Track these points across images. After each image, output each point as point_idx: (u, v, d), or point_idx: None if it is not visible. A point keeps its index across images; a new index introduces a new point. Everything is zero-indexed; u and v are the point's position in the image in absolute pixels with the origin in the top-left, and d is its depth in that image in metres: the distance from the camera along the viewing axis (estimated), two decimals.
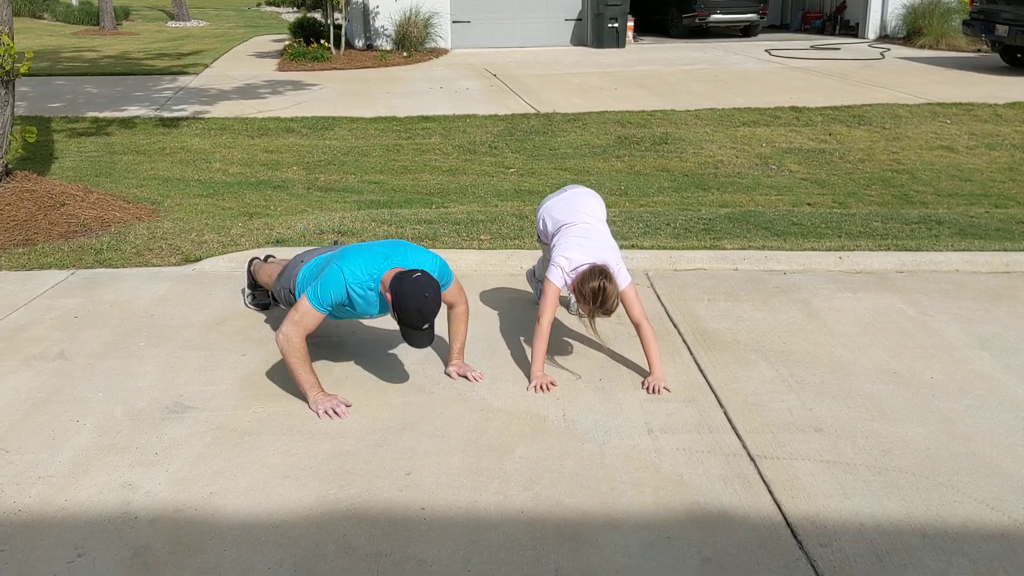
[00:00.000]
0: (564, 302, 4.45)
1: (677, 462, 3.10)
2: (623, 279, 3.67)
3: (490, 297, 4.67)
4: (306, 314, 3.42)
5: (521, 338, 4.13)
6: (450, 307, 3.73)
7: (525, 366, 3.81)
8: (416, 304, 3.27)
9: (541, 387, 3.61)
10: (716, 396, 3.59)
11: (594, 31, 17.31)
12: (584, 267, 3.62)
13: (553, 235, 3.89)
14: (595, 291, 3.54)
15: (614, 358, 3.95)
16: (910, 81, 12.34)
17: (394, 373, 3.79)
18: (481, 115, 10.13)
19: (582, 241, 3.76)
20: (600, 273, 3.56)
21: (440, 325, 3.77)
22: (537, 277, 4.50)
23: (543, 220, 4.04)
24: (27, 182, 6.05)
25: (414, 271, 3.35)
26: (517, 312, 4.49)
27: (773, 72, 13.51)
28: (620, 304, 3.65)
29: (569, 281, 3.66)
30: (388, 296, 3.34)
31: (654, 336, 3.70)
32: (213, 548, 2.63)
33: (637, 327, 3.70)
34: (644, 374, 3.71)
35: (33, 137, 6.18)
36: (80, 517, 2.77)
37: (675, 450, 3.18)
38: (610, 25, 16.94)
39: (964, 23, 14.21)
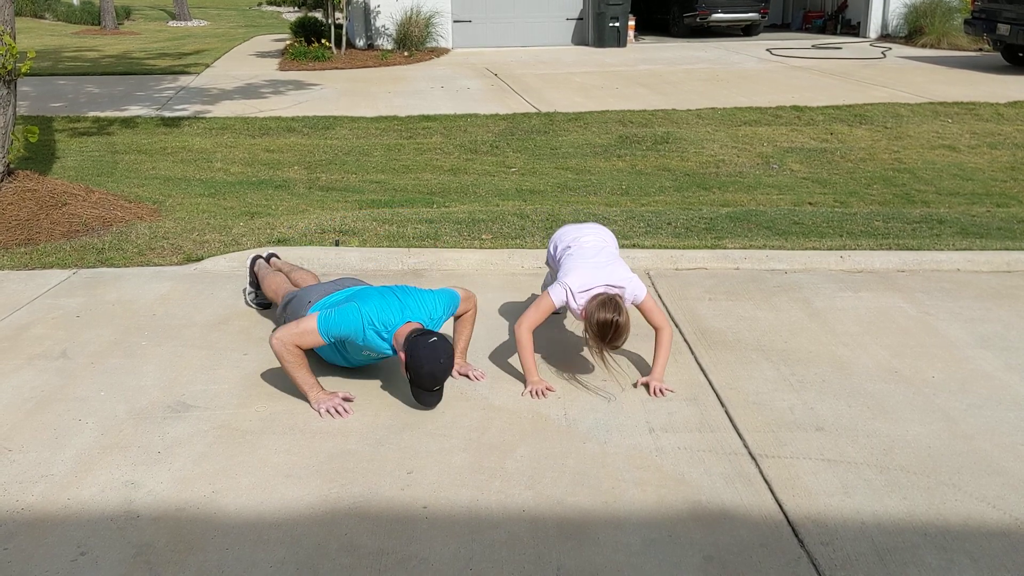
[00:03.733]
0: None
1: (679, 461, 3.10)
2: (639, 292, 3.60)
3: (491, 296, 4.67)
4: (308, 332, 3.42)
5: None
6: (459, 313, 3.76)
7: None
8: (430, 369, 3.29)
9: (539, 392, 3.57)
10: (717, 395, 3.59)
11: (595, 30, 17.32)
12: (596, 292, 3.50)
13: (562, 254, 3.82)
14: (606, 326, 3.41)
15: (616, 357, 3.94)
16: (912, 80, 12.33)
17: (395, 372, 3.79)
18: (482, 114, 10.13)
19: (590, 258, 3.69)
20: (613, 307, 3.42)
21: (445, 325, 3.79)
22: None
23: (554, 244, 3.97)
24: (29, 182, 6.05)
25: (431, 334, 3.35)
26: (519, 311, 4.47)
27: (774, 71, 13.51)
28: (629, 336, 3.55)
29: (576, 305, 3.57)
30: (402, 355, 3.35)
31: (670, 343, 3.67)
32: (215, 546, 2.64)
33: (658, 331, 3.67)
34: (645, 374, 3.70)
35: (35, 137, 6.17)
36: (83, 515, 2.78)
37: (677, 449, 3.18)
38: (611, 24, 16.94)
39: (966, 22, 14.20)
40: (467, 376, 3.73)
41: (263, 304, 4.45)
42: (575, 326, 4.29)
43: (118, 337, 4.12)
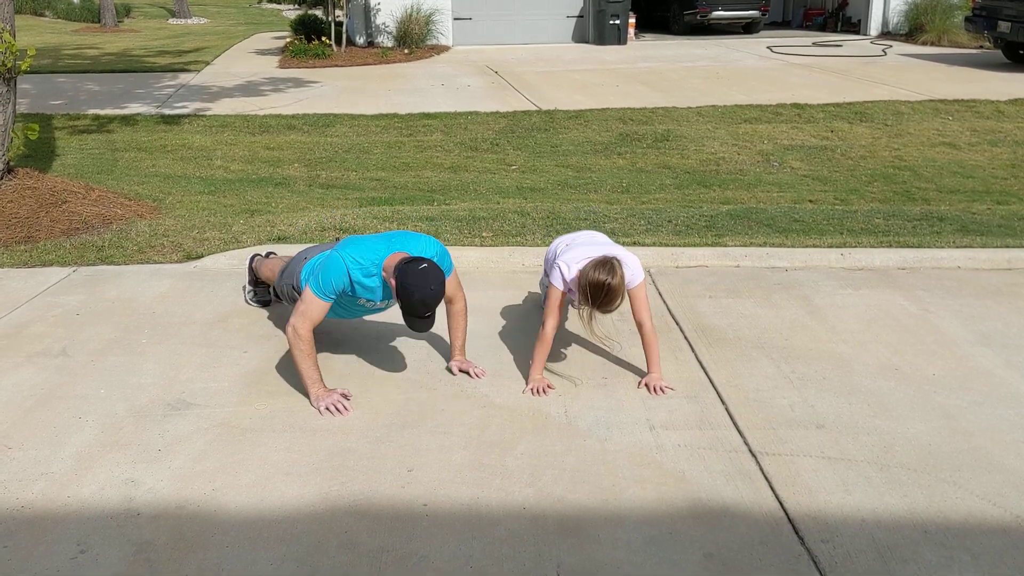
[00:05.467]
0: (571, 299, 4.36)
1: (679, 458, 3.10)
2: (635, 275, 3.54)
3: (492, 294, 4.67)
4: (311, 304, 3.43)
5: (523, 335, 4.13)
6: (449, 303, 3.71)
7: (527, 363, 3.79)
8: (421, 295, 3.26)
9: (539, 390, 3.57)
10: (718, 392, 3.59)
11: (596, 28, 17.32)
12: (593, 258, 3.43)
13: (561, 253, 3.76)
14: (598, 286, 3.34)
15: (616, 355, 3.95)
16: (912, 78, 12.32)
17: (396, 370, 3.79)
18: (483, 112, 10.13)
19: (587, 243, 3.66)
20: (608, 268, 3.35)
21: (440, 323, 3.78)
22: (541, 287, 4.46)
23: (552, 254, 3.89)
24: (29, 179, 6.05)
25: (421, 260, 3.32)
26: (519, 309, 4.49)
27: (775, 69, 13.50)
28: (624, 301, 3.53)
29: (572, 276, 3.52)
30: (392, 282, 3.31)
31: (655, 337, 3.64)
32: (215, 544, 2.64)
33: (639, 326, 3.63)
34: (645, 371, 3.70)
35: (35, 134, 6.17)
36: (83, 513, 2.78)
37: (677, 446, 3.18)
38: (612, 22, 16.94)
39: (966, 19, 14.19)
40: (467, 373, 3.72)
41: (263, 302, 4.45)
42: (575, 325, 4.28)
43: (118, 335, 4.12)
